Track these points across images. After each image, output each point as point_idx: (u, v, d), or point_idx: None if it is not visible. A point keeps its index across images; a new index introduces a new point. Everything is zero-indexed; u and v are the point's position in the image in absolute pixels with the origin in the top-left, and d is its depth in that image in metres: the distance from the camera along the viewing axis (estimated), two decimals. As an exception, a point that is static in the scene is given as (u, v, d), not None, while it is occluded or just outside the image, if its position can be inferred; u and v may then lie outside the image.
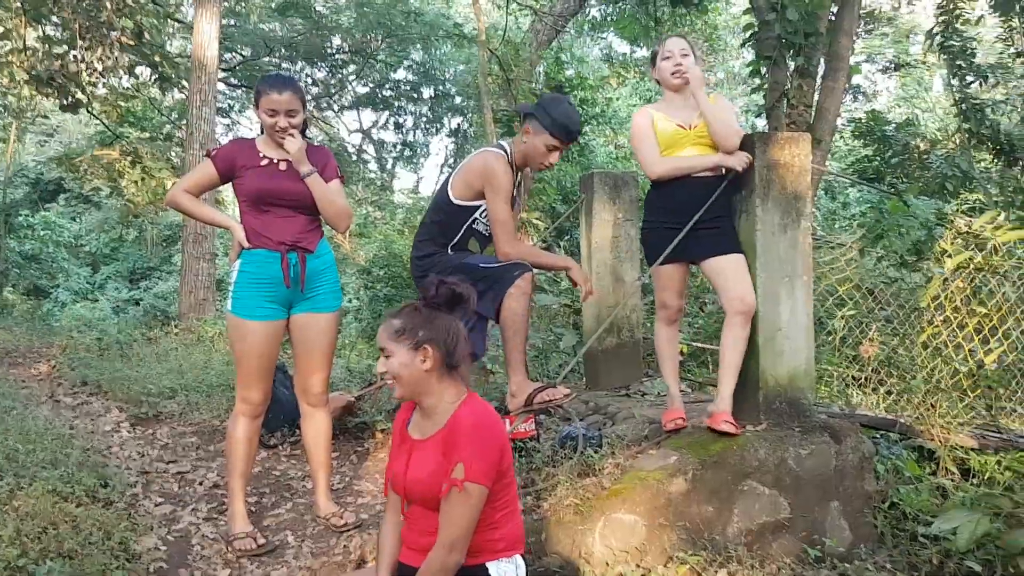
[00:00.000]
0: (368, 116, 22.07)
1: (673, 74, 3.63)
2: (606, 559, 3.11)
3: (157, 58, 13.00)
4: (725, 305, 3.56)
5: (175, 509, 3.56)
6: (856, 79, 21.72)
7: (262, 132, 3.32)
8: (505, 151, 3.70)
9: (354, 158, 22.06)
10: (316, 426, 3.50)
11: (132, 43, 10.70)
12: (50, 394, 5.65)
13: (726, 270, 3.55)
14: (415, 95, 19.22)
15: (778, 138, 3.62)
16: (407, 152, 21.88)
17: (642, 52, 15.79)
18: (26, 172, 18.33)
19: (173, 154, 15.17)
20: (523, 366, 3.54)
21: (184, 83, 12.08)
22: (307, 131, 3.38)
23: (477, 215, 3.69)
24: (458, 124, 19.43)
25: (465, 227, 3.71)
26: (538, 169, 3.76)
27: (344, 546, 3.17)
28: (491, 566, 2.24)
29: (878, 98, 21.88)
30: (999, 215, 3.98)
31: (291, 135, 3.21)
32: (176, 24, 15.54)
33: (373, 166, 22.91)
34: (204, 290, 9.84)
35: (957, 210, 4.06)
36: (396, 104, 19.76)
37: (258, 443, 3.47)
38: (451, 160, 19.85)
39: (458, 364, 2.28)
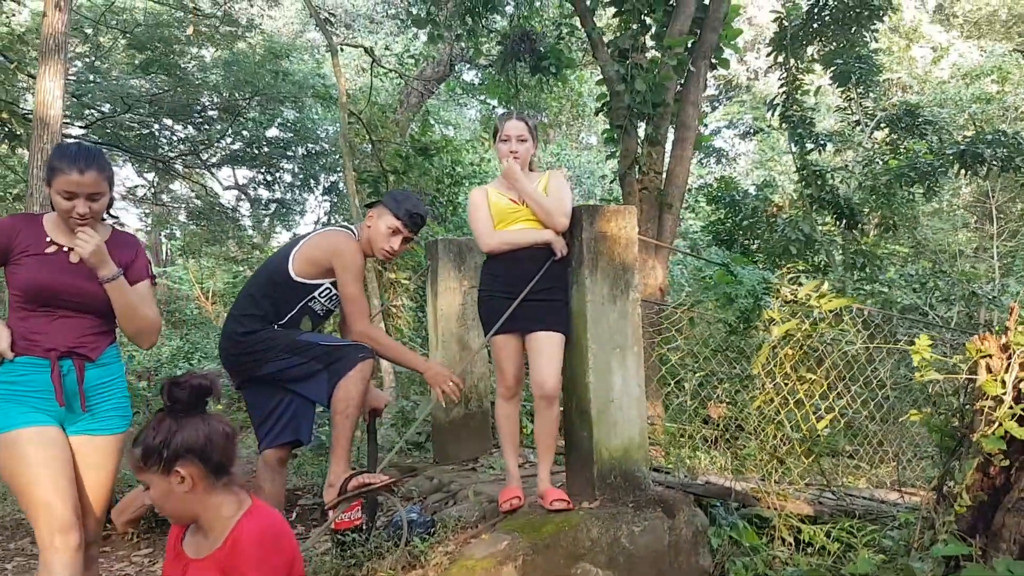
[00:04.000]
0: (244, 173, 21.56)
1: (509, 157, 3.66)
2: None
3: (4, 114, 12.30)
4: (532, 385, 3.55)
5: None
6: (717, 143, 22.83)
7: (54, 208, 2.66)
8: (354, 233, 3.61)
9: (229, 214, 21.42)
10: None
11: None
12: None
13: (539, 350, 3.53)
14: (289, 153, 18.88)
15: (605, 211, 3.63)
16: (282, 210, 21.39)
17: (514, 114, 16.12)
18: None
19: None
20: (347, 456, 3.36)
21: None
22: (111, 210, 2.77)
23: (316, 294, 3.54)
24: (332, 182, 19.18)
25: (301, 305, 3.54)
26: (383, 257, 3.64)
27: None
28: None
29: (738, 161, 23.02)
30: (823, 283, 4.11)
31: (84, 232, 2.55)
32: (30, 79, 14.79)
33: (247, 223, 22.29)
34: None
35: (782, 278, 4.16)
36: (271, 162, 19.36)
37: None
38: (325, 218, 19.54)
39: (227, 469, 2.06)
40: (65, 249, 2.64)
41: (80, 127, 15.19)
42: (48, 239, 2.64)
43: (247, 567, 1.95)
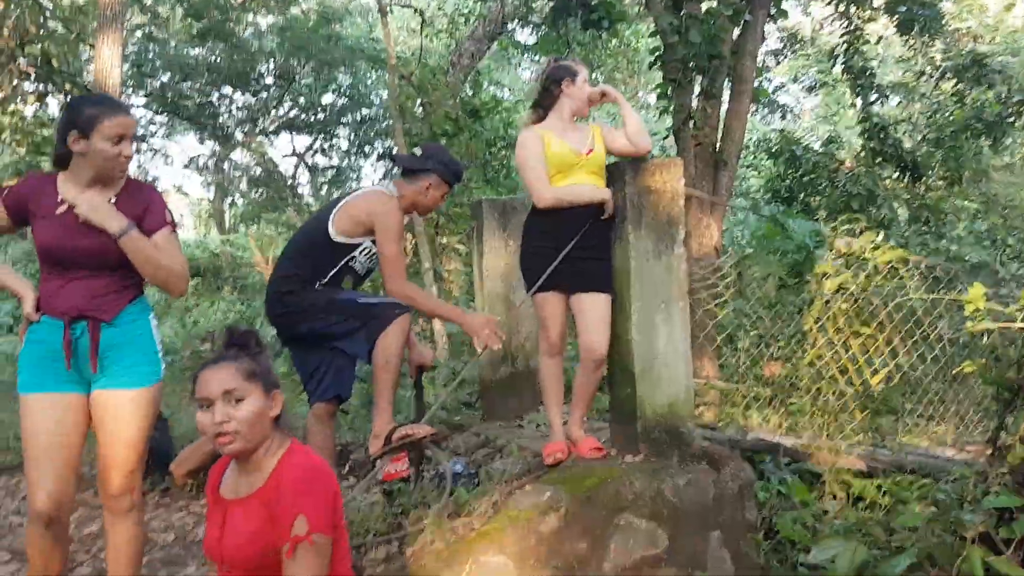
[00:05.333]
0: (302, 140, 21.87)
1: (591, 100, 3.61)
2: (472, 606, 2.97)
3: (68, 86, 12.62)
4: (579, 346, 3.53)
5: (21, 567, 3.33)
6: (782, 98, 22.20)
7: (58, 167, 2.67)
8: (394, 194, 3.66)
9: (289, 182, 21.77)
10: (116, 539, 2.69)
11: (35, 70, 10.37)
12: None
13: (586, 311, 3.50)
14: (344, 119, 19.05)
15: (649, 164, 3.56)
16: (338, 177, 21.63)
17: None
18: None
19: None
20: (389, 408, 3.45)
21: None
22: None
23: (356, 253, 3.61)
24: (386, 148, 19.30)
25: (341, 264, 3.62)
26: (427, 213, 3.83)
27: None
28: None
29: (803, 117, 22.38)
30: (878, 235, 3.99)
31: (80, 197, 2.56)
32: (91, 49, 15.13)
33: (306, 190, 22.63)
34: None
35: (835, 230, 4.04)
36: (327, 128, 19.57)
37: (66, 552, 2.74)
38: (380, 183, 19.73)
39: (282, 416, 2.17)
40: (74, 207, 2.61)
41: (142, 96, 15.58)
42: (59, 199, 2.61)
43: (302, 493, 2.01)
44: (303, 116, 18.56)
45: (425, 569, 2.98)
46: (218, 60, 15.77)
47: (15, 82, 10.18)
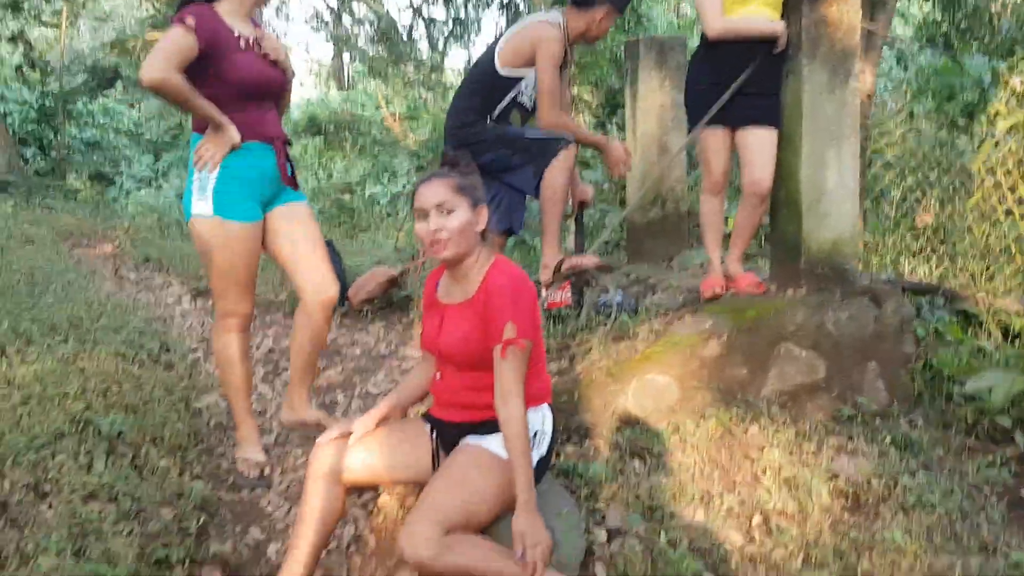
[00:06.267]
0: (418, -8, 21.49)
1: None
2: (638, 417, 3.20)
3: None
4: (743, 181, 3.56)
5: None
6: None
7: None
8: (559, 23, 3.67)
9: (404, 38, 21.64)
10: (316, 332, 2.99)
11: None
12: (114, 270, 5.91)
13: (752, 145, 3.51)
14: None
15: (826, -6, 3.46)
16: (458, 30, 21.31)
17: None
18: (82, 59, 18.46)
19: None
20: (557, 239, 3.62)
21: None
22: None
23: (523, 87, 3.70)
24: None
25: (509, 99, 3.73)
26: (593, 41, 3.83)
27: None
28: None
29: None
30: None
31: (268, 39, 2.83)
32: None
33: (423, 45, 22.45)
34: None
35: (1011, 69, 3.82)
36: (446, -24, 19.14)
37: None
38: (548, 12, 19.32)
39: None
40: (251, 41, 2.77)
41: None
42: (236, 33, 2.73)
43: (511, 303, 2.22)
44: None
45: (595, 383, 3.21)
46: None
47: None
